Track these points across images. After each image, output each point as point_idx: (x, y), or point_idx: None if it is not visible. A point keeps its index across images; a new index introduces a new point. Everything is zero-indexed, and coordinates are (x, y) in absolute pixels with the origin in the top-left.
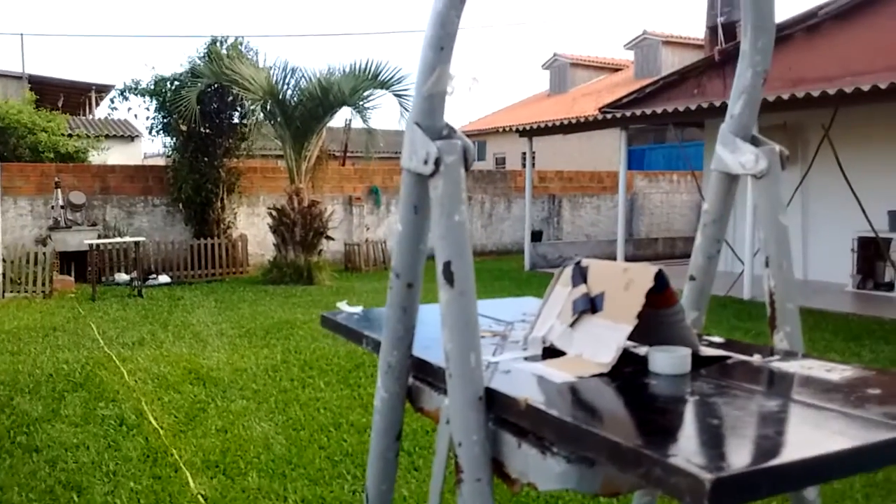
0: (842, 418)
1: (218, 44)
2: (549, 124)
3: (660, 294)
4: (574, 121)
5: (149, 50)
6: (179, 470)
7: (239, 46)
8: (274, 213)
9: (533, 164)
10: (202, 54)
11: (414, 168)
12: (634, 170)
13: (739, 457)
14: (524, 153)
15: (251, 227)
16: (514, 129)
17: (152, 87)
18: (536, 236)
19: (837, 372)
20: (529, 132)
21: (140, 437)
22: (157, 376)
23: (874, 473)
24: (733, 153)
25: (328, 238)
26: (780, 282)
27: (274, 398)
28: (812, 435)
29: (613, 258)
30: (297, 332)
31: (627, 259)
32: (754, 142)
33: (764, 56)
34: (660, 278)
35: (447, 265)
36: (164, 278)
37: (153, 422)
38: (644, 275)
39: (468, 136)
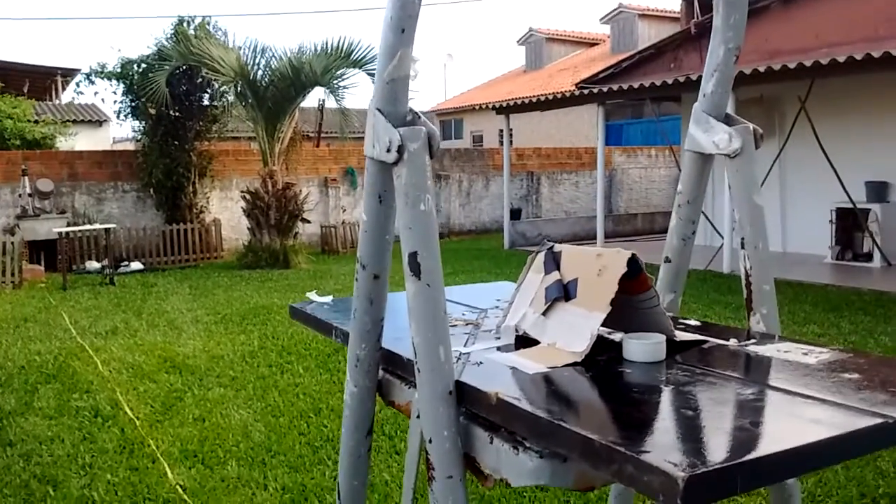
0: (819, 406)
1: (185, 24)
2: (526, 101)
3: (633, 279)
4: (551, 97)
5: (115, 32)
6: (157, 460)
7: (207, 26)
8: (248, 196)
9: (511, 142)
10: (169, 35)
11: (377, 156)
12: (612, 145)
13: (714, 452)
14: (501, 130)
15: (225, 212)
16: (490, 106)
17: (119, 70)
18: (515, 214)
19: (814, 355)
20: (506, 109)
21: (116, 428)
22: (131, 366)
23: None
24: (706, 133)
25: (304, 221)
26: (755, 263)
27: (252, 385)
28: (789, 425)
29: (593, 235)
30: (275, 317)
31: (607, 235)
32: (728, 120)
33: (736, 32)
34: (633, 263)
35: (413, 256)
36: (136, 265)
37: (129, 412)
38: (617, 260)
39: (444, 114)
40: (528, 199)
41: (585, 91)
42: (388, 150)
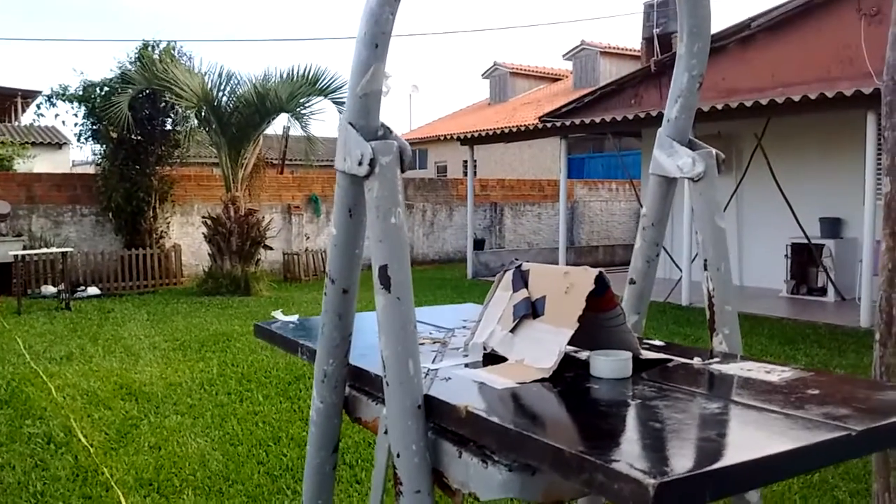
0: (783, 419)
1: (150, 48)
2: (490, 133)
3: (600, 297)
4: (515, 129)
5: (78, 54)
6: (111, 489)
7: (172, 51)
8: (209, 222)
9: (475, 173)
10: (133, 59)
11: (348, 170)
12: (574, 178)
13: (683, 461)
14: (465, 161)
15: (185, 237)
16: (455, 137)
17: (81, 92)
18: (479, 244)
19: (776, 373)
20: (471, 140)
21: (69, 455)
22: (86, 392)
23: (811, 475)
24: (671, 157)
25: (266, 247)
26: (718, 284)
27: (210, 413)
28: (754, 437)
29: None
30: (234, 344)
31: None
32: (691, 145)
33: (700, 60)
34: (600, 281)
35: (384, 269)
36: (93, 290)
37: (83, 439)
38: (584, 278)
39: (409, 144)
40: (491, 230)
41: (549, 124)
42: (360, 164)
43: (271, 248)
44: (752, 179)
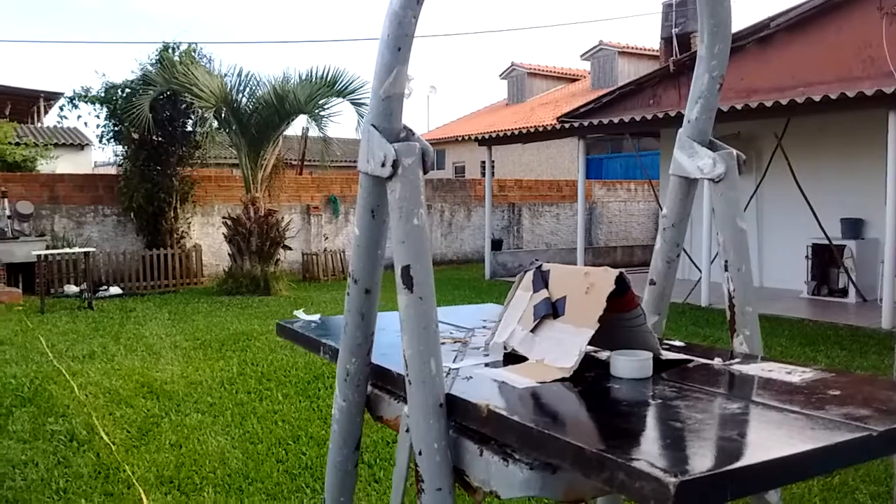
0: (803, 420)
1: (170, 50)
2: (508, 133)
3: (620, 298)
4: (533, 130)
5: (100, 57)
6: (132, 486)
7: (192, 53)
8: (229, 222)
9: (492, 173)
10: (154, 61)
11: (371, 171)
12: (593, 179)
13: (703, 460)
14: (483, 162)
15: (206, 237)
16: (473, 137)
17: (103, 94)
18: (496, 245)
19: (797, 374)
20: (488, 141)
21: (91, 453)
22: (108, 390)
23: (831, 477)
24: (691, 157)
25: (285, 248)
26: (739, 285)
27: (230, 411)
28: (775, 437)
29: None
30: (254, 343)
31: None
32: (712, 146)
33: (720, 61)
34: (621, 282)
35: (406, 269)
36: (115, 290)
37: (105, 437)
38: (605, 279)
39: None
40: (509, 231)
41: (567, 125)
42: (383, 165)
43: (290, 249)
44: (773, 180)
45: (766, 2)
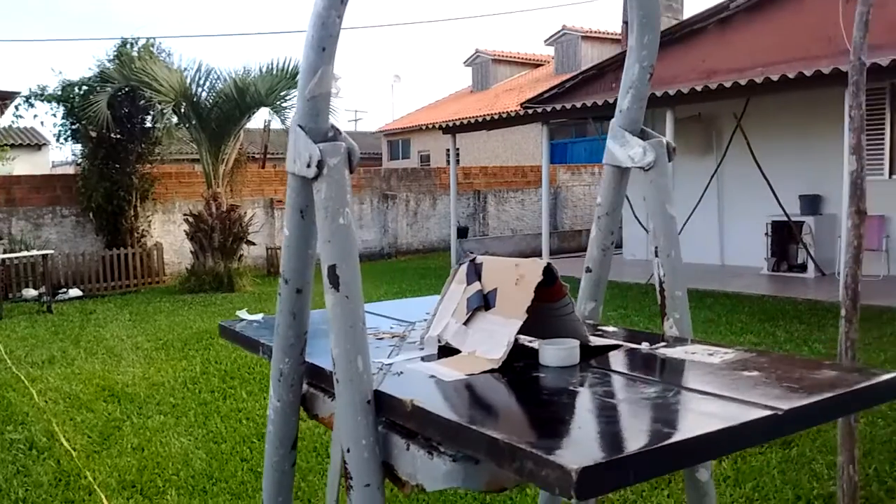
0: (716, 400)
1: (128, 45)
2: (472, 121)
3: (549, 288)
4: (497, 117)
5: (56, 55)
6: (94, 492)
7: (150, 48)
8: (191, 219)
9: (457, 161)
10: (112, 57)
11: (298, 171)
12: (557, 163)
13: (609, 445)
14: (448, 150)
15: (167, 235)
16: (437, 126)
17: (59, 92)
18: (462, 233)
19: (719, 356)
20: (453, 129)
21: (51, 460)
22: (68, 395)
23: (788, 449)
24: (623, 147)
25: (249, 243)
26: (668, 270)
27: (193, 411)
28: (684, 419)
29: (539, 251)
30: (218, 341)
31: (553, 252)
32: (643, 135)
33: (650, 52)
34: (548, 272)
35: (332, 268)
36: (74, 292)
37: (65, 443)
38: (534, 270)
39: (392, 134)
40: (475, 218)
41: (530, 111)
42: (309, 166)
43: (254, 244)
44: (733, 159)
45: None
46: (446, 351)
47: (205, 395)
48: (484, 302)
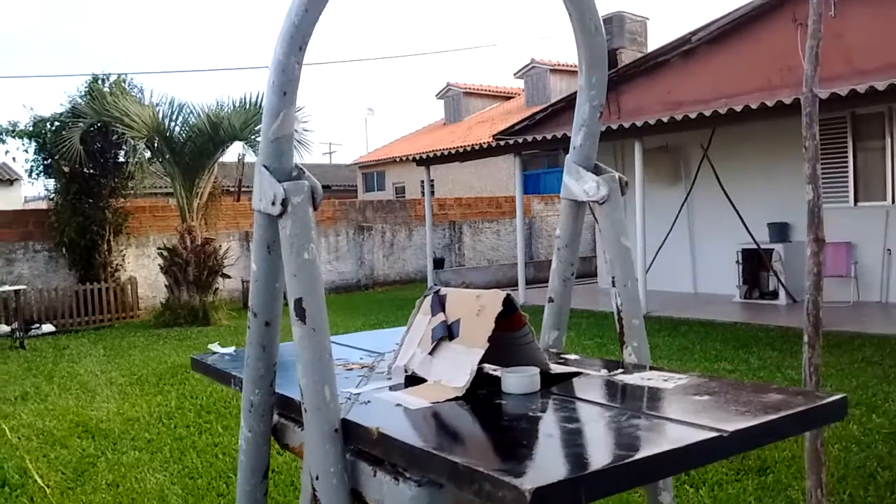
0: (666, 424)
1: (100, 81)
2: (446, 152)
3: (510, 318)
4: (469, 148)
5: (27, 91)
6: None
7: (123, 83)
8: (165, 253)
9: (432, 192)
10: (84, 93)
11: (263, 209)
12: (531, 194)
13: (561, 467)
14: (423, 181)
15: (141, 269)
16: (411, 158)
17: (31, 128)
18: (439, 263)
19: (673, 381)
20: (427, 161)
21: (24, 497)
22: (41, 432)
23: (765, 476)
24: (578, 181)
25: (224, 276)
26: (625, 300)
27: (169, 447)
28: (633, 441)
29: (515, 281)
30: (193, 376)
31: (529, 281)
32: (597, 170)
33: (599, 91)
34: (508, 303)
35: (299, 302)
36: (48, 328)
37: (39, 480)
38: (494, 301)
39: (366, 166)
40: (450, 248)
41: (502, 142)
42: (273, 204)
43: (229, 277)
44: (702, 189)
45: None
46: (413, 380)
47: (180, 430)
48: (448, 332)
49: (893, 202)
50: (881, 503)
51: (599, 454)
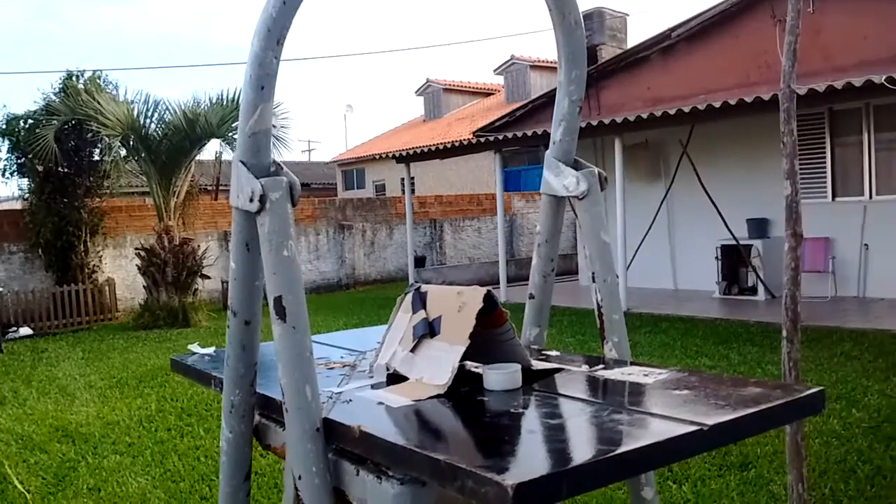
0: (646, 418)
1: (74, 78)
2: (426, 149)
3: (491, 315)
4: (449, 145)
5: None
6: None
7: (97, 80)
8: (143, 253)
9: (412, 190)
10: (58, 90)
11: (241, 206)
12: (511, 191)
13: (543, 462)
14: (403, 179)
15: (119, 270)
16: (391, 155)
17: (4, 126)
18: (420, 262)
19: (653, 376)
20: (406, 158)
21: (4, 503)
22: (20, 436)
23: (747, 471)
24: (557, 177)
25: (203, 276)
26: (606, 295)
27: (150, 450)
28: (615, 436)
29: (497, 279)
30: (173, 378)
31: (510, 279)
32: (576, 165)
33: (578, 86)
34: (489, 300)
35: (278, 300)
36: (25, 331)
37: (18, 486)
38: (474, 297)
39: (346, 164)
40: (431, 247)
41: (483, 139)
42: (251, 200)
43: (209, 277)
44: (681, 185)
45: (668, 15)
46: (394, 378)
47: (161, 433)
48: (429, 329)
49: (871, 197)
50: (861, 497)
51: (581, 449)
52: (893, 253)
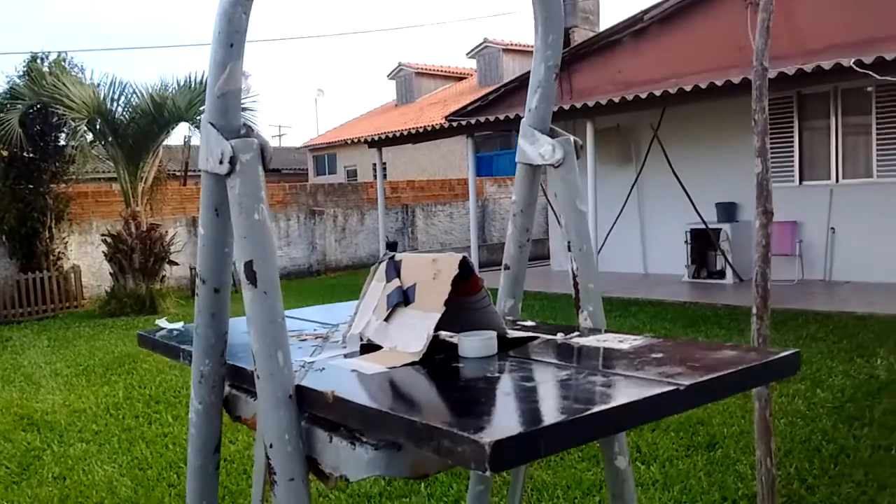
0: (621, 380)
1: (39, 60)
2: (398, 134)
3: (466, 281)
4: (421, 130)
5: None
6: None
7: (63, 62)
8: (109, 239)
9: (384, 175)
10: (22, 73)
11: (210, 168)
12: (484, 176)
13: (520, 421)
14: (375, 164)
15: (85, 257)
16: (363, 140)
17: None
18: (392, 247)
19: (628, 342)
20: (378, 143)
21: None
22: None
23: (713, 451)
24: (533, 145)
25: (171, 263)
26: (581, 264)
27: (117, 438)
28: (590, 396)
29: None
30: (141, 365)
31: (482, 264)
32: (552, 133)
33: (554, 51)
34: (464, 266)
35: (249, 264)
36: None
37: None
38: (450, 263)
39: (317, 149)
40: (403, 232)
41: (455, 124)
42: (221, 162)
43: (177, 264)
44: (652, 169)
45: None
46: (368, 348)
47: (129, 420)
48: (403, 298)
49: (837, 181)
50: (826, 475)
51: (558, 409)
52: (859, 237)
